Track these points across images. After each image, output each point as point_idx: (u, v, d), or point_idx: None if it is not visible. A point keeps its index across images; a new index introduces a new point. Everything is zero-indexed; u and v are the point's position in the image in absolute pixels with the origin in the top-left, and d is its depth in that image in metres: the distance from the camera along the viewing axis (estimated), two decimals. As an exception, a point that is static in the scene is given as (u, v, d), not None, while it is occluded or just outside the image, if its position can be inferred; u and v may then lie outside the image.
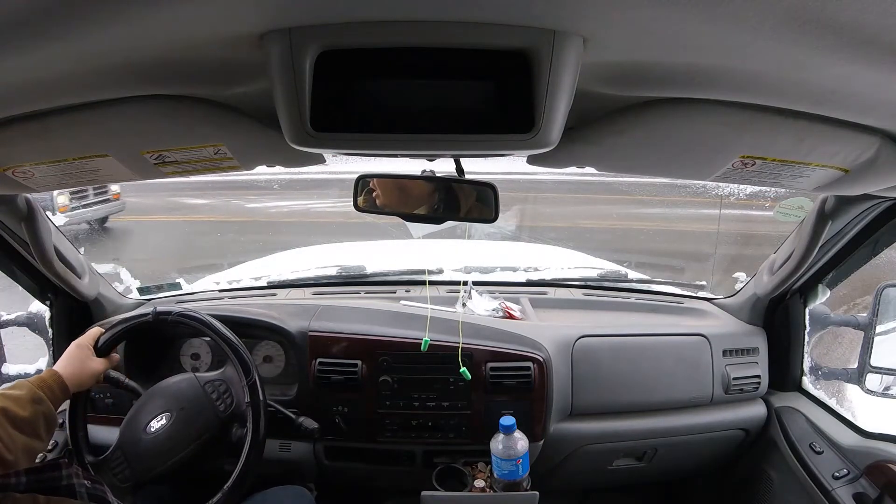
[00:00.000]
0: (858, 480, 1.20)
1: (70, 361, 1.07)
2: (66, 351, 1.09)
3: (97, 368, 1.10)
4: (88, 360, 1.09)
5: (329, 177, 5.65)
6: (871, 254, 1.22)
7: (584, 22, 0.54)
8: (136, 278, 1.67)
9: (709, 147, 0.79)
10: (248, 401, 1.09)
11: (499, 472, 1.17)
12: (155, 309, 1.16)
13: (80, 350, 1.10)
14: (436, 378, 1.30)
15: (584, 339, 1.38)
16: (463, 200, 0.93)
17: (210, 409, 1.10)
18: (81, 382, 1.07)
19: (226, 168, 0.88)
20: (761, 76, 0.61)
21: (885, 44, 0.47)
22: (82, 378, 1.07)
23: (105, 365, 1.12)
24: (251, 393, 1.09)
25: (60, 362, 1.07)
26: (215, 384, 1.13)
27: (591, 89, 0.71)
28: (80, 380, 1.07)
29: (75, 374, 1.05)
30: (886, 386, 1.35)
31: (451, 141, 0.65)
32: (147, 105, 0.72)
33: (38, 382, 0.99)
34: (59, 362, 1.07)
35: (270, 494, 1.18)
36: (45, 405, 0.96)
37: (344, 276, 1.75)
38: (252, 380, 1.10)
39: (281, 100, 0.60)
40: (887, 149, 0.76)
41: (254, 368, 1.11)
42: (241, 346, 1.13)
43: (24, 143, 0.76)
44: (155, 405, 1.11)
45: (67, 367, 1.06)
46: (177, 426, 1.08)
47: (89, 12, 0.44)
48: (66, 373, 1.04)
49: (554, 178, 6.24)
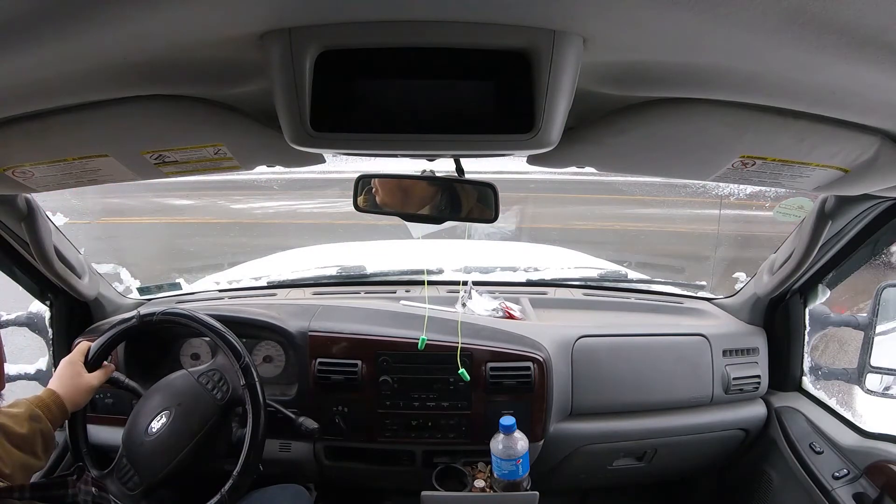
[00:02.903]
0: (858, 480, 1.20)
1: (63, 381, 1.05)
2: (58, 370, 1.08)
3: (91, 384, 1.08)
4: (81, 377, 1.07)
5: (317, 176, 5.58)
6: (871, 254, 1.22)
7: (584, 22, 0.54)
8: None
9: (709, 147, 0.79)
10: (244, 383, 1.09)
11: (499, 472, 1.17)
12: (139, 313, 1.16)
13: (72, 367, 1.08)
14: (436, 378, 1.30)
15: (584, 339, 1.38)
16: (463, 200, 0.93)
17: (207, 398, 1.10)
18: (77, 401, 1.06)
19: (226, 168, 0.88)
20: (761, 76, 0.61)
21: (885, 44, 0.47)
22: (78, 396, 1.05)
23: (99, 378, 1.10)
24: (245, 375, 1.09)
25: (56, 382, 1.05)
26: (209, 374, 1.13)
27: (591, 89, 0.71)
28: (76, 398, 1.05)
29: (70, 393, 1.04)
30: (886, 386, 1.34)
31: (451, 141, 0.65)
32: (147, 105, 0.72)
33: (36, 402, 0.98)
34: (53, 382, 1.05)
35: (269, 493, 1.18)
36: (42, 423, 0.95)
37: (344, 276, 1.75)
38: (244, 362, 1.10)
39: (281, 100, 0.60)
40: (887, 149, 0.76)
41: (244, 351, 1.11)
42: (228, 332, 1.13)
43: (24, 143, 0.76)
44: (153, 405, 1.11)
45: (61, 386, 1.04)
46: (177, 422, 1.07)
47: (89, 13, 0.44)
48: (62, 391, 1.03)
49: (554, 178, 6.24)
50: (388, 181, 0.96)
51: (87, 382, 1.08)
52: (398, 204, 0.97)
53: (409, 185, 0.96)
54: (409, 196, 0.96)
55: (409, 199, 0.96)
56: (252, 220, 5.99)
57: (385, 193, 0.96)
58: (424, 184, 0.94)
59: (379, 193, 0.96)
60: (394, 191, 0.97)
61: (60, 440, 1.31)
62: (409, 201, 0.96)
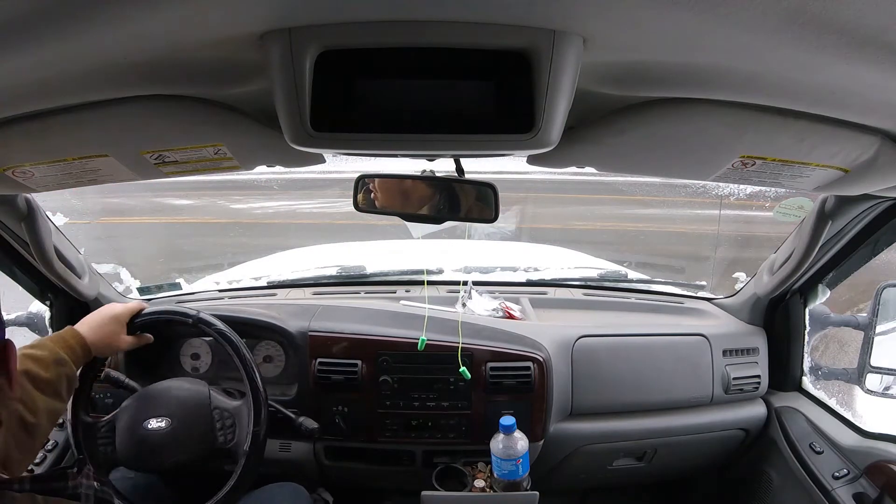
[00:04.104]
0: (858, 480, 1.20)
1: (100, 328, 1.03)
2: (97, 316, 1.05)
3: (121, 346, 1.07)
4: (118, 335, 1.06)
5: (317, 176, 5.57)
6: (871, 254, 1.22)
7: (584, 22, 0.54)
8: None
9: (709, 147, 0.79)
10: (247, 449, 1.06)
11: (499, 472, 1.17)
12: (198, 315, 1.13)
13: (115, 322, 1.06)
14: (436, 378, 1.30)
15: (584, 339, 1.38)
16: (463, 200, 0.93)
17: (209, 434, 1.09)
18: (103, 352, 1.05)
19: (226, 168, 0.88)
20: (761, 76, 0.61)
21: (885, 44, 0.47)
22: (104, 349, 1.04)
23: (131, 344, 1.09)
24: (253, 443, 1.07)
25: (87, 326, 1.02)
26: (224, 414, 1.11)
27: (591, 89, 0.71)
28: (103, 350, 1.04)
29: (100, 342, 1.02)
30: (886, 386, 1.34)
31: (451, 141, 0.65)
32: (147, 105, 0.72)
33: (60, 342, 0.96)
34: (86, 325, 1.02)
35: (267, 492, 1.18)
36: (67, 367, 0.94)
37: (344, 276, 1.75)
38: (259, 432, 1.07)
39: (281, 100, 0.60)
40: (887, 149, 0.76)
41: (265, 422, 1.08)
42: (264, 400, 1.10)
43: (24, 143, 0.76)
44: (158, 407, 1.09)
45: (95, 332, 1.02)
46: (172, 435, 1.06)
47: (89, 13, 0.44)
48: (92, 338, 1.01)
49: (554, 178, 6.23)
50: (387, 181, 0.96)
51: (119, 343, 1.06)
52: (398, 204, 0.97)
53: (409, 185, 0.96)
54: (409, 196, 0.96)
55: (409, 199, 0.96)
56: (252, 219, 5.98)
57: (385, 193, 0.97)
58: (424, 184, 0.94)
59: (378, 193, 0.96)
60: (393, 191, 0.97)
61: (62, 438, 1.31)
62: (409, 201, 0.96)
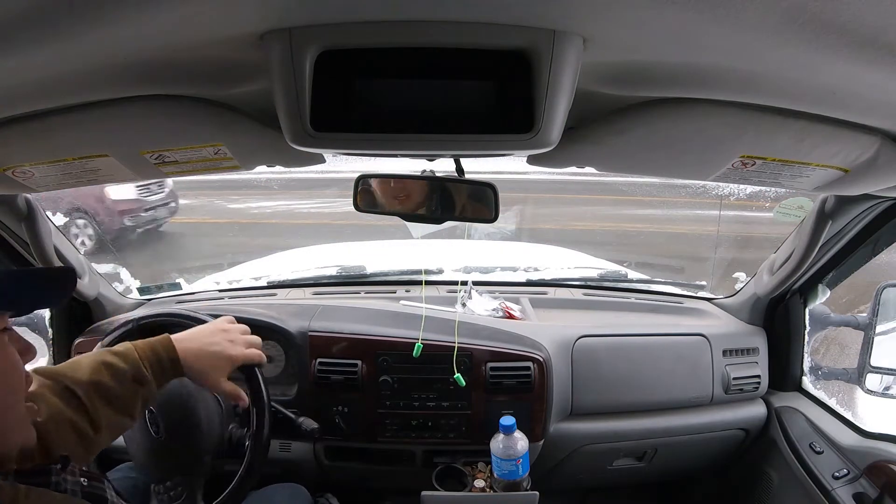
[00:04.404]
0: (858, 480, 1.20)
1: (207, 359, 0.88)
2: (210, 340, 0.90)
3: (218, 389, 0.91)
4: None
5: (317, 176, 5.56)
6: (871, 254, 1.22)
7: (584, 22, 0.54)
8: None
9: (709, 147, 0.79)
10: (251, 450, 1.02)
11: (499, 472, 1.17)
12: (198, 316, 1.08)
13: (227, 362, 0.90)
14: (436, 378, 1.30)
15: (584, 339, 1.38)
16: (463, 200, 0.93)
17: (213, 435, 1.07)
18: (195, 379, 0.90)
19: (226, 168, 0.88)
20: (761, 76, 0.61)
21: (885, 44, 0.47)
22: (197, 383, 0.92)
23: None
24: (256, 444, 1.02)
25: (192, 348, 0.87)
26: (227, 414, 1.11)
27: (592, 89, 0.71)
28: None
29: (197, 375, 0.88)
30: (886, 386, 1.34)
31: (451, 141, 0.65)
32: (147, 105, 0.72)
33: (150, 354, 0.83)
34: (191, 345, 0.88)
35: (267, 492, 1.18)
36: (148, 388, 0.82)
37: (344, 276, 1.75)
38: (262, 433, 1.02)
39: (281, 100, 0.60)
40: (887, 149, 0.76)
41: (268, 423, 1.04)
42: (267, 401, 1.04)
43: (24, 143, 0.76)
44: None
45: (199, 360, 0.87)
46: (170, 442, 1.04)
47: (89, 13, 0.44)
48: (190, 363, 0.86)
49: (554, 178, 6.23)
50: (387, 181, 0.96)
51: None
52: (398, 204, 0.97)
53: (409, 185, 0.96)
54: (409, 196, 0.96)
55: (409, 199, 0.96)
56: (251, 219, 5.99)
57: (384, 193, 0.97)
58: (424, 184, 0.94)
59: (378, 193, 0.96)
60: (393, 191, 0.97)
61: None
62: (409, 201, 0.96)
